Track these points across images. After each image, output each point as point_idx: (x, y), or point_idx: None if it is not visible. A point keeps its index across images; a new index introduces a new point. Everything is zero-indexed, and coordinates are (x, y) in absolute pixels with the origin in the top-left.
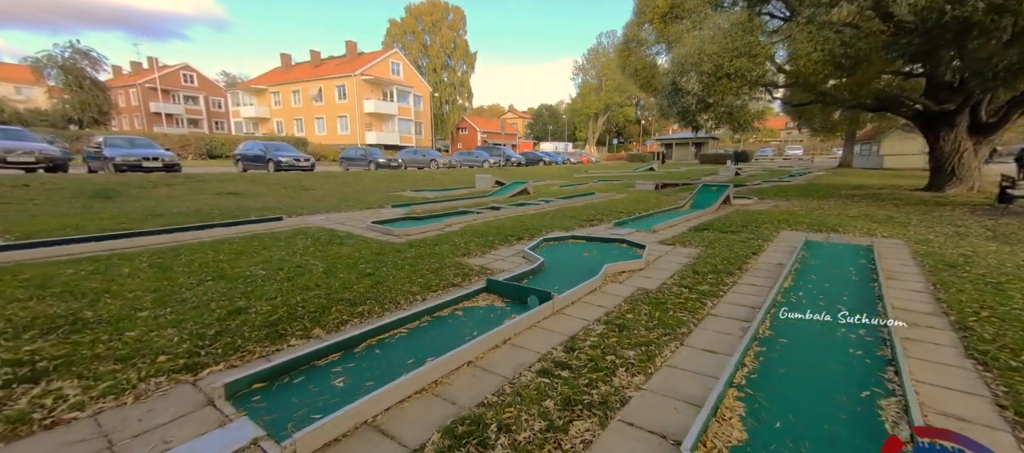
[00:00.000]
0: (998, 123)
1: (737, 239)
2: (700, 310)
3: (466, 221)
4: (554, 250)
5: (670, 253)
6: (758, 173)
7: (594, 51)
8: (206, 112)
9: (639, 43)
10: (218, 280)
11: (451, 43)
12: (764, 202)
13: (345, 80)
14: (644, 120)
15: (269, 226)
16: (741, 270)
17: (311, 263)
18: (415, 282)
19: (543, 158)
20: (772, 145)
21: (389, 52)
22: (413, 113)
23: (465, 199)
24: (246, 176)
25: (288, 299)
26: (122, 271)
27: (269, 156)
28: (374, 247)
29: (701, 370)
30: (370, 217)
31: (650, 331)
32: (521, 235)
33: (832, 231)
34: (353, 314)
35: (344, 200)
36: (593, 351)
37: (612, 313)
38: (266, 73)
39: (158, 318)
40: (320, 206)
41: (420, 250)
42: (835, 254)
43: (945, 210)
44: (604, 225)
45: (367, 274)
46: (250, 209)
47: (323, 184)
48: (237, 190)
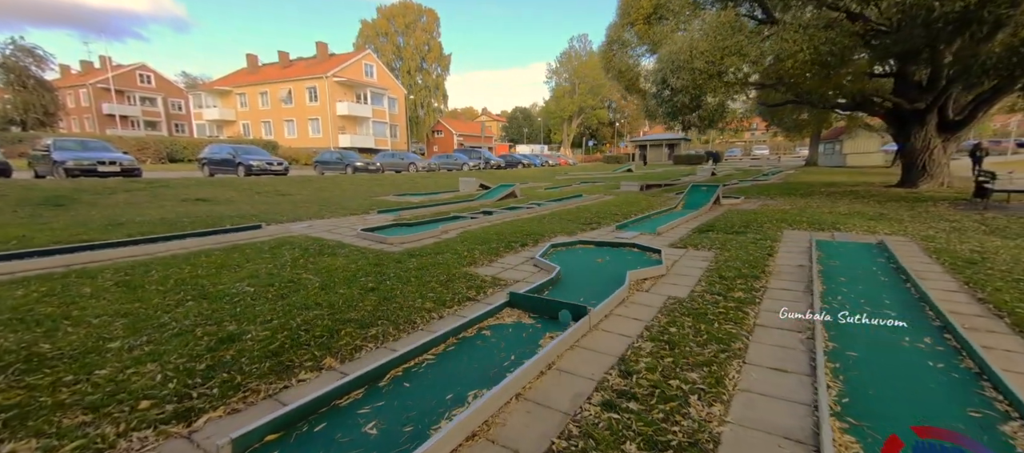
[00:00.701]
0: (965, 121)
1: (746, 240)
2: (745, 320)
3: (462, 227)
4: (564, 257)
5: (686, 257)
6: (733, 173)
7: (567, 54)
8: (165, 114)
9: (623, 44)
10: (200, 300)
11: (425, 45)
12: (751, 201)
13: (316, 82)
14: (618, 122)
15: (248, 235)
16: (765, 273)
17: (304, 277)
18: (426, 297)
19: (522, 161)
20: (738, 145)
21: (362, 54)
22: (388, 116)
23: (452, 203)
24: (214, 181)
25: (286, 321)
26: (83, 291)
27: (239, 160)
28: (371, 258)
29: (783, 395)
30: (357, 224)
31: (703, 348)
32: (524, 241)
33: (834, 229)
34: (365, 338)
35: (325, 206)
36: (652, 375)
37: (653, 327)
38: (231, 74)
39: (133, 350)
40: (300, 213)
41: (422, 260)
42: (849, 253)
43: (928, 206)
44: (605, 228)
45: (370, 289)
46: (224, 217)
47: (300, 189)
48: (206, 196)
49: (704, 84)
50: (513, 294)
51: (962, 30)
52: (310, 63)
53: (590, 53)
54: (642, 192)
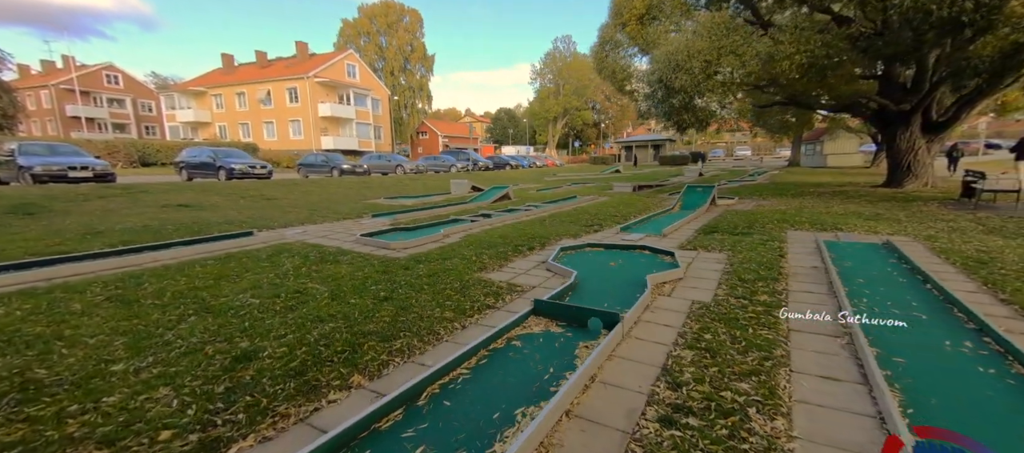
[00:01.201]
0: (948, 122)
1: (754, 241)
2: (778, 325)
3: (464, 231)
4: (576, 260)
5: (699, 259)
6: (720, 173)
7: (551, 55)
8: (134, 116)
9: (615, 45)
10: (202, 314)
11: (408, 45)
12: (746, 202)
13: (297, 82)
14: (603, 123)
15: (241, 243)
16: (782, 275)
17: (311, 287)
18: (444, 305)
19: (509, 162)
20: (721, 146)
21: (344, 54)
22: (371, 117)
23: (446, 206)
24: (195, 185)
25: (302, 336)
26: (72, 308)
27: (219, 163)
28: (376, 265)
29: (842, 405)
30: (353, 229)
31: (745, 355)
32: (531, 244)
33: (836, 230)
34: (390, 352)
35: (316, 210)
36: (702, 386)
37: (687, 334)
38: (206, 74)
39: (141, 373)
40: (291, 218)
41: (430, 266)
42: (859, 254)
43: (920, 205)
44: (608, 230)
45: (383, 298)
46: (211, 223)
47: (287, 193)
48: (188, 201)
49: (702, 84)
50: (538, 301)
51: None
52: (290, 63)
53: (574, 54)
54: (635, 193)
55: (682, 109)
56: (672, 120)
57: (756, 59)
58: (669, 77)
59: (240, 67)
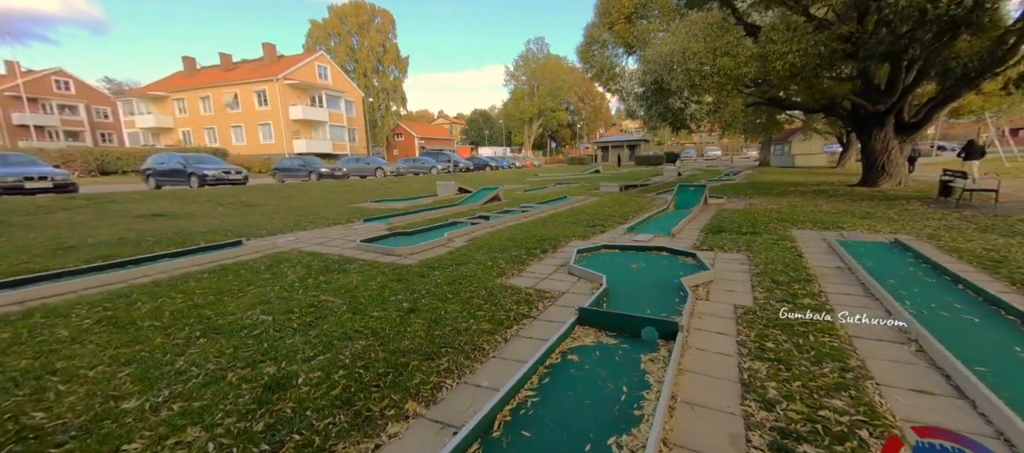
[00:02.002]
0: (919, 123)
1: (765, 241)
2: (835, 331)
3: (467, 234)
4: (595, 263)
5: (720, 260)
6: (696, 173)
7: (524, 57)
8: (89, 123)
9: (602, 44)
10: (212, 335)
11: (380, 47)
12: (735, 201)
13: (266, 85)
14: (578, 124)
15: (232, 253)
16: (811, 277)
17: (325, 300)
18: (477, 317)
19: (489, 163)
20: (691, 146)
21: (314, 55)
22: (346, 119)
23: (437, 208)
24: (166, 194)
25: (333, 357)
26: (58, 335)
27: (191, 169)
28: (388, 273)
29: (953, 424)
30: (348, 234)
31: (819, 366)
32: (543, 247)
33: (838, 229)
34: (438, 372)
35: (302, 216)
36: (796, 405)
37: (747, 343)
38: (166, 78)
39: (159, 409)
40: (278, 224)
41: (447, 273)
42: (874, 253)
43: (903, 204)
44: (613, 230)
45: (409, 310)
46: (193, 232)
47: (267, 199)
48: (163, 210)
49: (698, 84)
50: (583, 310)
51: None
52: (257, 65)
53: (548, 56)
54: (624, 193)
55: (678, 109)
56: (666, 120)
57: (750, 61)
58: (665, 77)
59: (203, 70)
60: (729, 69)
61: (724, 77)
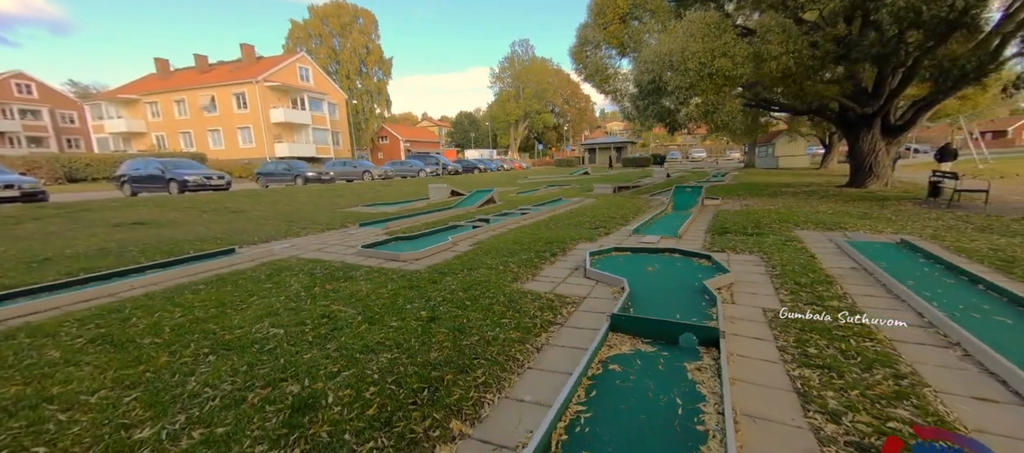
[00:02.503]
0: (905, 126)
1: (774, 242)
2: (874, 334)
3: (470, 238)
4: (608, 266)
5: (734, 262)
6: (684, 174)
7: (509, 59)
8: (53, 128)
9: (595, 45)
10: (222, 352)
11: (363, 48)
12: (731, 202)
13: (245, 87)
14: (564, 126)
15: (227, 262)
16: (830, 279)
17: (336, 310)
18: (501, 325)
19: (478, 165)
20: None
21: (295, 56)
22: (329, 122)
23: (432, 212)
24: (145, 201)
25: (359, 372)
26: (49, 356)
27: (170, 175)
28: (397, 279)
29: None
30: (346, 240)
31: (871, 372)
32: (552, 250)
33: (840, 229)
34: (476, 386)
35: (294, 222)
36: (863, 416)
37: (788, 349)
38: (138, 80)
39: (179, 439)
40: (270, 231)
41: (459, 278)
42: (884, 253)
43: (896, 205)
44: (618, 232)
45: (429, 319)
46: (180, 241)
47: (253, 204)
48: (143, 218)
49: (697, 84)
50: (616, 316)
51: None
52: (235, 67)
53: (533, 58)
54: (618, 195)
55: (672, 110)
56: (663, 120)
57: (746, 62)
58: (665, 76)
59: (177, 72)
60: (727, 70)
61: (722, 78)
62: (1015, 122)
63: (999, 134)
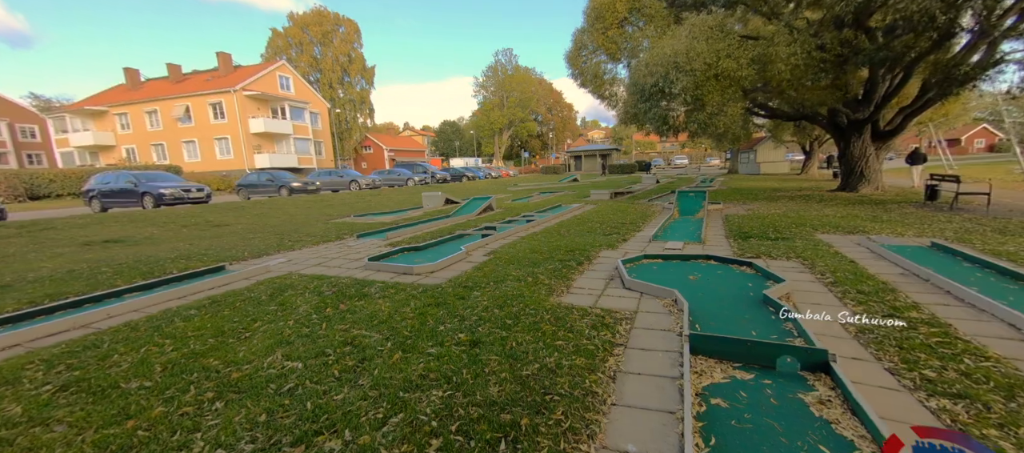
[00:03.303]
0: (894, 131)
1: (804, 247)
2: (986, 351)
3: (482, 248)
4: (645, 274)
5: (777, 269)
6: (674, 180)
7: (493, 68)
8: (12, 143)
9: (592, 50)
10: (231, 398)
11: (346, 56)
12: (733, 206)
13: (222, 96)
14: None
15: (218, 282)
16: (887, 286)
17: (359, 336)
18: (559, 349)
19: (466, 173)
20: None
21: (275, 64)
22: (311, 131)
23: (431, 221)
24: (116, 217)
25: (411, 418)
26: (7, 412)
27: (143, 189)
28: (419, 296)
29: None
30: (350, 253)
31: (1017, 401)
32: (576, 259)
33: (860, 233)
34: (563, 433)
35: (284, 235)
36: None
37: (900, 373)
38: (106, 91)
39: None
40: (260, 245)
41: (489, 293)
42: (925, 257)
43: (900, 208)
44: (635, 239)
45: (471, 343)
46: (160, 260)
47: (237, 218)
48: (116, 236)
49: (703, 85)
50: (695, 337)
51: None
52: (211, 76)
53: (516, 67)
54: (616, 200)
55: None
56: (665, 123)
57: (750, 64)
58: (671, 77)
59: (149, 82)
60: (732, 70)
61: (728, 78)
62: (967, 131)
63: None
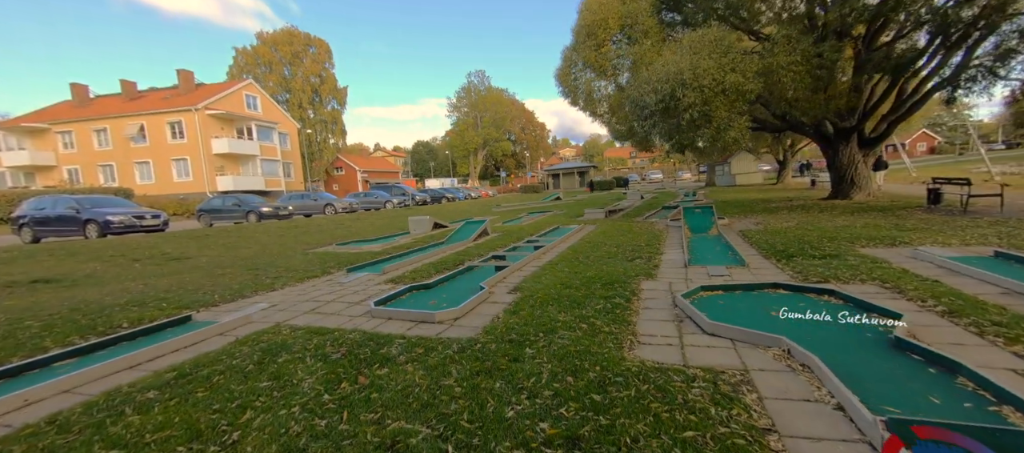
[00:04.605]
0: (879, 138)
1: (864, 265)
2: None
3: (502, 282)
4: (715, 312)
5: (869, 296)
6: (658, 195)
7: (466, 89)
8: None
9: (582, 68)
10: None
11: (316, 77)
12: (738, 221)
13: (182, 115)
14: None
15: (184, 342)
16: (1010, 313)
17: (401, 430)
18: (692, 445)
19: (445, 194)
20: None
21: (242, 83)
22: (280, 152)
23: (425, 249)
24: (50, 248)
25: None
26: None
27: (87, 215)
28: (458, 359)
29: None
30: (346, 293)
31: None
32: (621, 295)
33: (901, 244)
34: None
35: (260, 270)
36: None
37: None
38: (47, 108)
39: None
40: (232, 284)
41: (544, 349)
42: (1010, 270)
43: (909, 214)
44: (667, 265)
45: (566, 440)
46: (106, 308)
47: (200, 248)
48: (49, 274)
49: (711, 100)
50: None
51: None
52: (170, 94)
53: (489, 88)
54: (612, 219)
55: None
56: (671, 139)
57: (756, 77)
58: (678, 94)
59: (100, 99)
60: (739, 84)
61: (735, 92)
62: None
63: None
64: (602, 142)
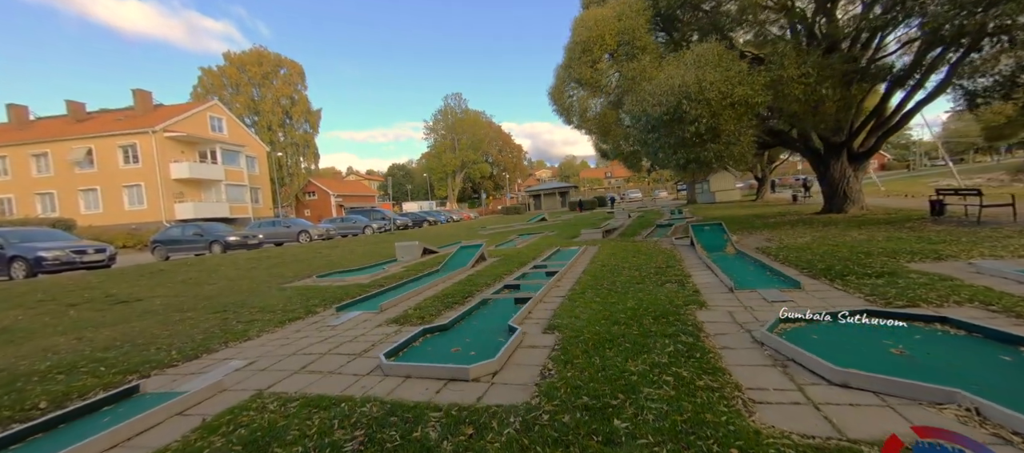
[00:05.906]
0: (867, 153)
1: (929, 281)
2: None
3: (534, 321)
4: (817, 350)
5: (989, 322)
6: (645, 215)
7: (443, 112)
8: None
9: (575, 85)
10: None
11: (288, 99)
12: (747, 238)
13: (137, 138)
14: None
15: (130, 431)
16: None
17: None
18: None
19: (427, 218)
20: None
21: (206, 104)
22: (247, 177)
23: (420, 279)
24: None
25: None
26: None
27: (12, 252)
28: (521, 438)
29: None
30: (342, 340)
31: None
32: (686, 331)
33: (950, 259)
34: None
35: (229, 312)
36: None
37: None
38: None
39: None
40: (193, 335)
41: (637, 419)
42: None
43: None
44: (712, 290)
45: None
46: (19, 375)
47: (153, 287)
48: None
49: (719, 113)
50: None
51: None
52: (124, 116)
53: (465, 110)
54: (611, 239)
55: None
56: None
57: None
58: (683, 107)
59: (41, 121)
60: (747, 97)
61: (743, 105)
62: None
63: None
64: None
